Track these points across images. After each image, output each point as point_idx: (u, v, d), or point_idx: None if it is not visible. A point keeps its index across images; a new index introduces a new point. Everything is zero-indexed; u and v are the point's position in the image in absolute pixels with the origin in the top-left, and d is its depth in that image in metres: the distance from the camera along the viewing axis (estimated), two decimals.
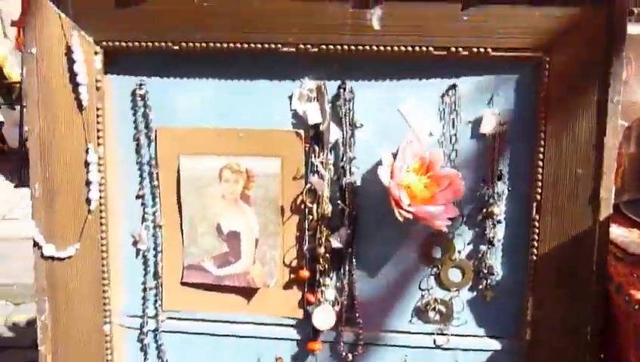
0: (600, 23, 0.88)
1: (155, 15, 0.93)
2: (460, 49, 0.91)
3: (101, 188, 1.00)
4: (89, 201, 0.99)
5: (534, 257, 0.96)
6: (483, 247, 0.99)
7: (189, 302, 1.06)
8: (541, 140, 0.93)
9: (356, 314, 1.02)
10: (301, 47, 0.93)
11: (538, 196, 0.94)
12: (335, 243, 0.99)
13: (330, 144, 0.97)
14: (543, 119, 0.92)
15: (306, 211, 0.99)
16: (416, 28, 0.90)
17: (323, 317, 1.01)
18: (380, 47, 0.92)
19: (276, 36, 0.92)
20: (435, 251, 1.00)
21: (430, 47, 0.91)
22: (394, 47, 0.92)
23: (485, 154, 0.96)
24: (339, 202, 0.98)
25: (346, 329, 1.03)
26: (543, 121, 0.92)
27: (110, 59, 0.97)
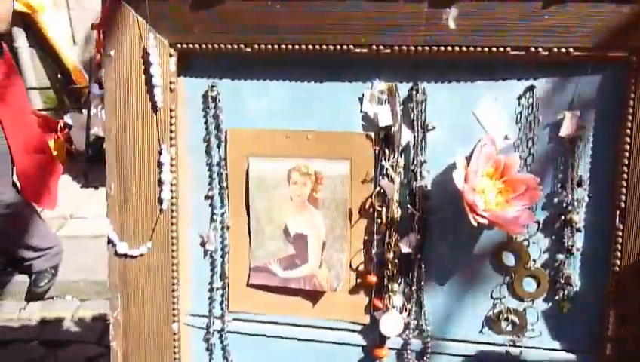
0: None
1: (228, 17, 0.94)
2: (540, 49, 0.87)
3: (172, 189, 1.01)
4: (161, 201, 1.01)
5: (617, 268, 0.91)
6: (560, 256, 0.95)
7: (254, 304, 1.06)
8: (625, 144, 0.88)
9: (424, 322, 1.00)
10: (373, 47, 0.91)
11: (622, 203, 0.89)
12: (404, 249, 0.97)
13: (401, 147, 0.95)
14: (628, 122, 0.87)
15: (375, 215, 0.98)
16: (494, 27, 0.88)
17: (390, 324, 0.99)
18: (455, 48, 0.89)
19: (348, 37, 0.91)
20: (509, 259, 0.97)
21: (508, 48, 0.88)
22: (470, 48, 0.89)
23: (564, 158, 0.92)
24: (408, 206, 0.96)
25: (414, 336, 1.01)
26: (628, 124, 0.87)
27: (184, 61, 0.99)
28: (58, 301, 2.65)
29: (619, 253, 0.90)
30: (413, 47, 0.90)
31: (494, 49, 0.88)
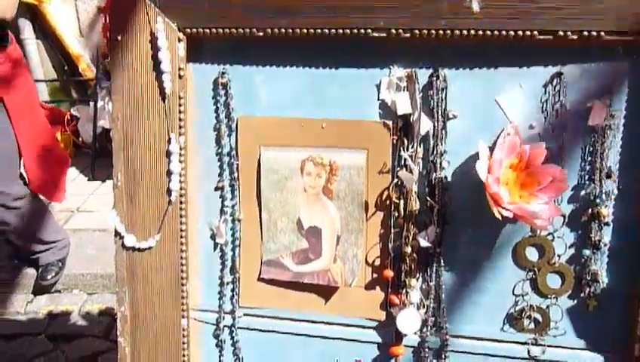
0: None
1: (239, 0, 0.90)
2: (569, 33, 0.83)
3: (181, 179, 0.98)
4: (170, 192, 0.97)
5: None
6: (587, 252, 0.90)
7: (266, 299, 1.02)
8: None
9: (443, 319, 0.96)
10: (392, 31, 0.87)
11: None
12: (423, 243, 0.93)
13: (420, 136, 0.91)
14: None
15: (392, 207, 0.94)
16: (520, 11, 0.83)
17: (407, 321, 0.95)
18: (479, 32, 0.85)
19: (366, 20, 0.87)
20: (532, 254, 0.93)
21: (535, 32, 0.84)
22: (494, 32, 0.85)
23: (593, 149, 0.88)
24: (428, 198, 0.92)
25: (432, 334, 0.97)
26: None
27: (193, 46, 0.95)
28: (65, 294, 2.63)
29: None
30: (434, 31, 0.86)
31: (520, 33, 0.84)
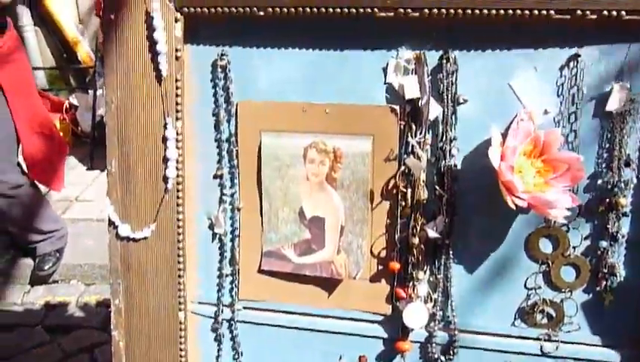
0: None
1: None
2: (587, 12, 0.79)
3: (178, 166, 0.93)
4: (166, 180, 0.93)
5: None
6: (604, 243, 0.87)
7: (266, 292, 0.99)
8: None
9: (451, 313, 0.93)
10: (400, 11, 0.83)
11: None
12: (431, 233, 0.89)
13: (429, 122, 0.87)
14: None
15: (399, 196, 0.90)
16: None
17: (414, 315, 0.92)
18: (492, 11, 0.81)
19: None
20: (546, 245, 0.89)
21: (551, 11, 0.80)
22: (508, 11, 0.81)
23: (611, 135, 0.84)
24: (436, 187, 0.89)
25: (440, 329, 0.93)
26: None
27: (191, 27, 0.91)
28: (63, 285, 2.60)
29: None
30: (444, 11, 0.82)
31: (535, 12, 0.80)
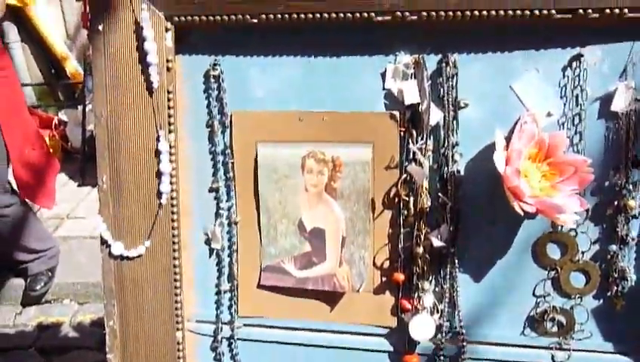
0: None
1: None
2: (589, 11, 0.77)
3: (172, 181, 0.90)
4: (160, 195, 0.90)
5: None
6: (613, 247, 0.84)
7: (267, 308, 0.96)
8: None
9: (459, 324, 0.90)
10: (397, 14, 0.81)
11: None
12: (435, 242, 0.86)
13: (430, 127, 0.85)
14: None
15: (401, 205, 0.88)
16: None
17: (421, 327, 0.89)
18: (491, 12, 0.79)
19: (369, 3, 0.80)
20: (554, 251, 0.86)
21: (552, 10, 0.78)
22: (508, 12, 0.79)
23: (617, 136, 0.82)
24: (439, 194, 0.86)
25: (447, 340, 0.91)
26: None
27: (182, 36, 0.88)
28: (56, 305, 2.55)
29: None
30: (442, 13, 0.80)
31: (536, 12, 0.78)
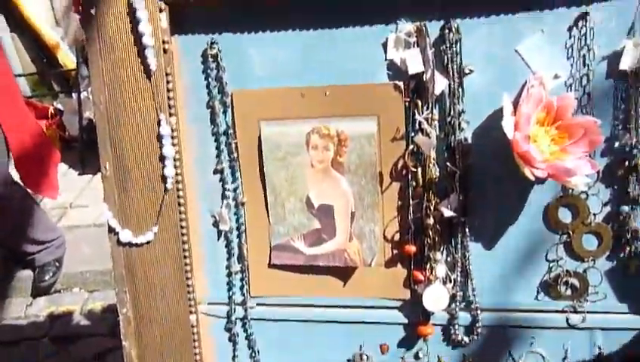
0: None
1: None
2: None
3: (176, 164, 0.89)
4: (165, 179, 0.88)
5: None
6: (625, 208, 0.83)
7: (279, 286, 0.95)
8: None
9: (472, 293, 0.89)
10: None
11: None
12: (446, 212, 0.85)
13: (435, 96, 0.83)
14: None
15: (409, 177, 0.87)
16: None
17: (434, 298, 0.88)
18: None
19: None
20: (565, 214, 0.85)
21: None
22: None
23: (626, 95, 0.80)
24: (447, 164, 0.85)
25: (461, 309, 0.90)
26: None
27: (177, 16, 0.86)
28: (65, 294, 2.55)
29: None
30: None
31: None
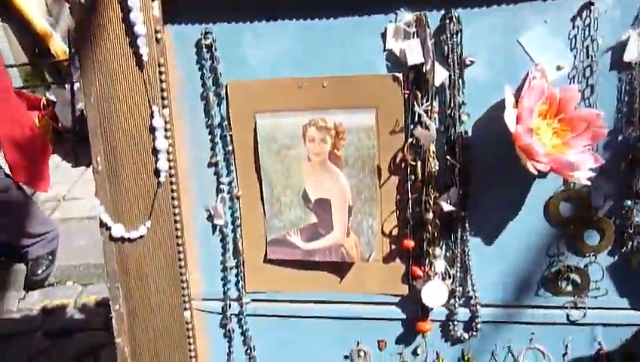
0: None
1: None
2: None
3: (169, 158, 0.87)
4: (158, 173, 0.86)
5: None
6: (628, 202, 0.83)
7: (274, 282, 0.94)
8: None
9: (471, 288, 0.88)
10: None
11: None
12: (445, 206, 0.84)
13: (435, 88, 0.81)
14: None
15: (408, 170, 0.85)
16: None
17: (433, 293, 0.87)
18: None
19: None
20: (566, 209, 0.84)
21: None
22: None
23: (630, 87, 0.78)
24: (447, 157, 0.83)
25: (460, 305, 0.89)
26: None
27: (169, 4, 0.83)
28: (59, 288, 2.53)
29: None
30: None
31: None
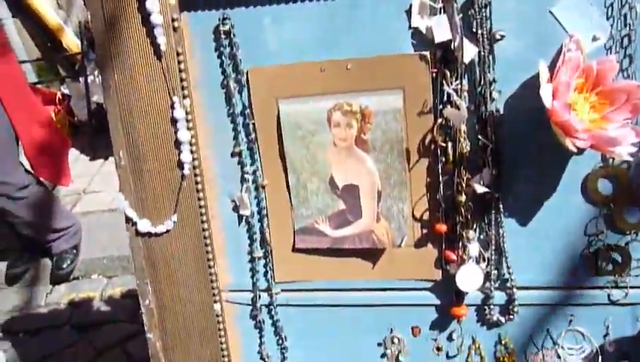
0: None
1: None
2: None
3: (192, 149, 0.85)
4: (181, 165, 0.85)
5: None
6: None
7: (304, 271, 0.92)
8: None
9: (507, 271, 0.85)
10: None
11: None
12: (478, 188, 0.81)
13: (464, 65, 0.78)
14: None
15: (438, 152, 0.82)
16: None
17: (468, 278, 0.84)
18: None
19: None
20: (605, 186, 0.81)
21: None
22: None
23: None
24: (479, 137, 0.80)
25: (496, 288, 0.87)
26: None
27: None
28: (84, 281, 2.55)
29: None
30: None
31: None
